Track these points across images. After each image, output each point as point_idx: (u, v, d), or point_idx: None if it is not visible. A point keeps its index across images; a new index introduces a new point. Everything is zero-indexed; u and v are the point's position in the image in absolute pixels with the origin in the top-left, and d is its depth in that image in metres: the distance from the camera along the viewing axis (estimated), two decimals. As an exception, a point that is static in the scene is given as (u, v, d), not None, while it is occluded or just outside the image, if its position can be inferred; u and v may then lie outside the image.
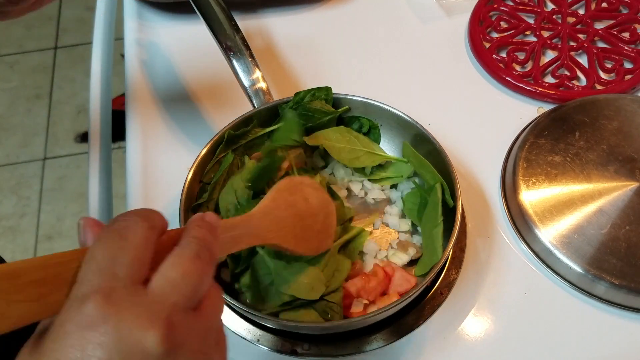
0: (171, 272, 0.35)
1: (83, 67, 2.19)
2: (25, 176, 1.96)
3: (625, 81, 0.81)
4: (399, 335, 0.62)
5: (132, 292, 0.33)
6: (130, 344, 0.32)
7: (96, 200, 0.77)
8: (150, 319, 0.33)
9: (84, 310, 0.32)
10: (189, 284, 0.35)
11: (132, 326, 0.32)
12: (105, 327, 0.32)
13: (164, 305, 0.34)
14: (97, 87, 0.88)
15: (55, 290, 0.33)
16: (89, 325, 0.32)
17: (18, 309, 0.31)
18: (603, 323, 0.64)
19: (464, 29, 0.89)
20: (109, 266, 0.34)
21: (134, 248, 0.35)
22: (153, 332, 0.32)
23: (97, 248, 0.34)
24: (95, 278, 0.33)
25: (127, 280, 0.34)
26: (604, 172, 0.70)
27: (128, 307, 0.33)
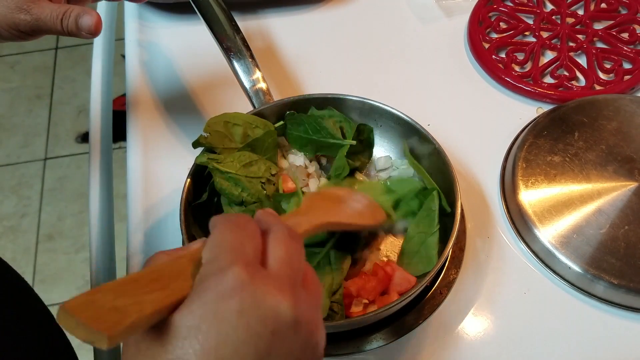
0: (278, 252, 0.39)
1: (84, 68, 2.19)
2: (26, 176, 1.96)
3: (624, 81, 0.81)
4: (399, 334, 0.62)
5: (260, 268, 0.37)
6: (266, 311, 0.35)
7: (97, 200, 0.78)
8: (281, 289, 0.36)
9: (224, 280, 0.35)
10: (294, 259, 0.39)
11: (267, 295, 0.35)
12: (244, 295, 0.35)
13: (286, 279, 0.38)
14: (98, 88, 0.88)
15: (176, 279, 0.36)
16: (229, 294, 0.35)
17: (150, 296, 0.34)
18: (602, 323, 0.64)
19: (464, 29, 0.89)
20: (240, 247, 0.37)
21: (255, 236, 0.39)
22: (285, 300, 0.36)
23: (226, 233, 0.38)
24: (230, 255, 0.36)
25: (256, 260, 0.38)
26: (603, 172, 0.70)
27: (261, 278, 0.36)
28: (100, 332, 0.31)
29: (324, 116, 0.69)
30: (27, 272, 1.77)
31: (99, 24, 0.60)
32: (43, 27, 0.59)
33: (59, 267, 1.78)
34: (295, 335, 0.36)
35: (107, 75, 0.91)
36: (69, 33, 0.60)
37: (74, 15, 0.59)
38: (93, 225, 0.76)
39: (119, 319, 0.32)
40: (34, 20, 0.58)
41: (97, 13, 0.60)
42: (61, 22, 0.59)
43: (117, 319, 0.32)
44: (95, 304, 0.32)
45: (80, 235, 1.83)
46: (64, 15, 0.59)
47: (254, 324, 0.34)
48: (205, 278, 0.36)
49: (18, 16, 0.58)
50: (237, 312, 0.34)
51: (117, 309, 0.32)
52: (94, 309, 0.32)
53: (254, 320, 0.34)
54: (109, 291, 0.33)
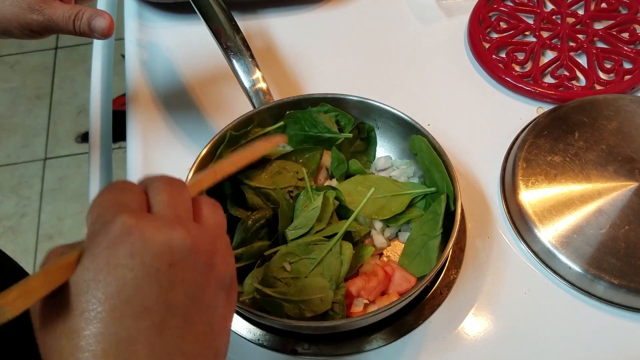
0: (160, 197, 0.39)
1: (83, 68, 2.19)
2: (25, 176, 1.96)
3: (624, 81, 0.81)
4: (399, 334, 0.62)
5: (146, 213, 0.38)
6: (158, 246, 0.36)
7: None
8: (170, 224, 0.37)
9: (110, 230, 0.35)
10: (178, 201, 0.40)
11: (155, 232, 0.36)
12: (132, 237, 0.35)
13: (173, 217, 0.38)
14: (98, 88, 0.88)
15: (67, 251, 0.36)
16: (118, 240, 0.35)
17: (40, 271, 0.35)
18: (602, 323, 0.64)
19: (464, 29, 0.89)
20: (122, 200, 0.38)
21: (135, 190, 0.40)
22: (175, 231, 0.36)
23: (106, 194, 0.39)
24: (113, 209, 0.37)
25: (138, 208, 0.38)
26: (603, 172, 0.70)
27: (148, 220, 0.37)
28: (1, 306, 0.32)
29: (319, 111, 0.69)
30: (27, 272, 1.77)
31: (111, 26, 0.61)
32: (55, 27, 0.60)
33: (59, 267, 1.78)
34: (193, 262, 0.37)
35: (107, 75, 0.91)
36: (81, 34, 0.60)
37: (86, 16, 0.60)
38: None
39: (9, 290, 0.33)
40: (46, 20, 0.59)
41: (110, 15, 0.61)
42: (73, 22, 0.60)
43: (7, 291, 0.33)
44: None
45: (80, 235, 1.79)
46: (76, 16, 0.60)
47: (149, 261, 0.35)
48: (94, 235, 0.36)
49: (30, 16, 0.59)
50: (130, 254, 0.35)
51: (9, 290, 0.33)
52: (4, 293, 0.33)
53: (148, 258, 0.35)
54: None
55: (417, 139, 0.67)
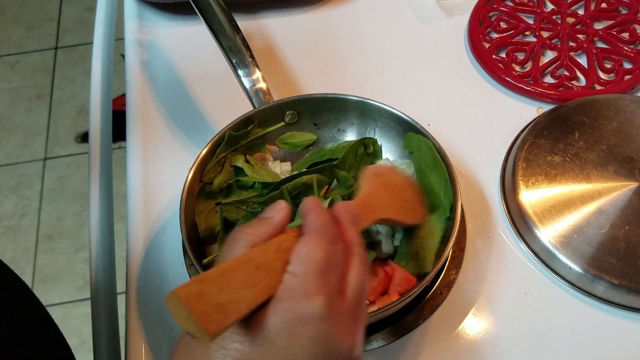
0: (356, 284, 0.41)
1: (83, 68, 2.19)
2: (25, 176, 1.96)
3: (624, 81, 0.81)
4: (399, 334, 0.62)
5: (339, 300, 0.40)
6: (334, 345, 0.38)
7: (96, 201, 0.78)
8: (349, 327, 0.39)
9: (308, 306, 0.38)
10: (365, 291, 0.43)
11: (339, 332, 0.38)
12: (322, 326, 0.38)
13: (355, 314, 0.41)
14: (98, 88, 0.88)
15: (266, 275, 0.38)
16: (309, 320, 0.37)
17: (246, 293, 0.36)
18: (602, 323, 0.64)
19: (464, 29, 0.89)
20: (327, 273, 0.40)
21: (340, 262, 0.41)
22: (350, 340, 0.39)
23: (318, 251, 0.40)
24: (318, 279, 0.39)
25: (336, 288, 0.40)
26: (604, 172, 0.70)
27: (338, 313, 0.39)
28: (206, 331, 0.33)
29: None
30: (27, 272, 1.77)
31: None
32: None
33: (59, 267, 1.78)
34: None
35: (107, 75, 0.91)
36: None
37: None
38: (93, 225, 0.76)
39: (222, 319, 0.34)
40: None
41: None
42: None
43: (221, 319, 0.34)
44: (204, 297, 0.34)
45: (80, 236, 1.83)
46: None
47: (321, 354, 0.38)
48: (290, 295, 0.38)
49: None
50: (311, 340, 0.37)
51: (220, 307, 0.34)
52: (204, 304, 0.34)
53: (321, 351, 0.38)
54: (214, 283, 0.35)
55: (414, 137, 0.67)
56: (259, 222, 0.43)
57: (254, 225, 0.42)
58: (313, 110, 0.72)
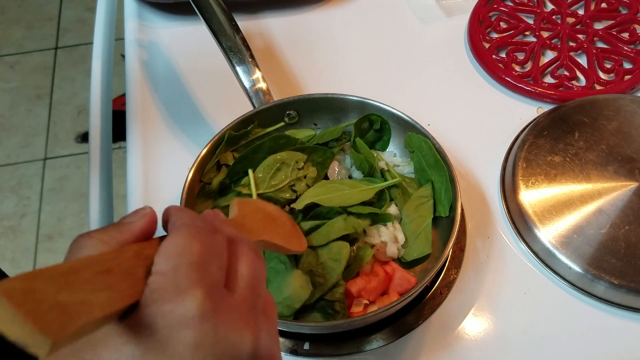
0: (246, 272, 0.35)
1: (83, 68, 2.19)
2: (25, 176, 1.96)
3: (624, 81, 0.81)
4: (399, 334, 0.62)
5: (226, 294, 0.33)
6: (226, 347, 0.31)
7: (97, 201, 0.78)
8: (244, 320, 0.33)
9: (182, 305, 0.31)
10: (260, 281, 0.36)
11: (229, 329, 0.32)
12: (205, 327, 0.31)
13: (249, 307, 0.34)
14: (98, 88, 0.88)
15: (124, 278, 0.31)
16: (186, 323, 0.30)
17: (97, 296, 0.29)
18: (602, 323, 0.64)
19: (464, 29, 0.89)
20: (204, 264, 0.33)
21: (222, 251, 0.35)
22: (247, 334, 0.32)
23: (192, 242, 0.33)
24: (192, 272, 0.32)
25: (220, 281, 0.33)
26: (604, 172, 0.70)
27: (225, 307, 0.32)
28: (42, 334, 0.25)
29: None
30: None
31: None
32: None
33: (59, 267, 1.78)
34: None
35: (107, 75, 0.91)
36: None
37: None
38: (93, 225, 0.76)
39: (65, 320, 0.26)
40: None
41: None
42: None
43: (63, 320, 0.26)
44: (35, 295, 0.26)
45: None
46: None
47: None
48: (159, 297, 0.31)
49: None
50: (194, 346, 0.30)
51: (62, 308, 0.27)
52: (35, 302, 0.26)
53: (210, 358, 0.31)
54: (50, 280, 0.27)
55: (414, 137, 0.67)
56: (114, 226, 0.35)
57: (105, 230, 0.34)
58: (313, 110, 0.72)
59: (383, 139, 0.71)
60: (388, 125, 0.70)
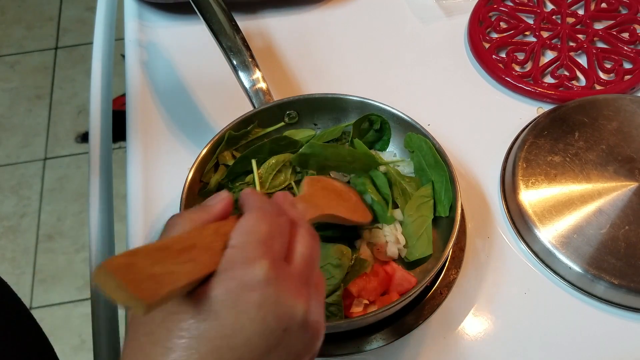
0: (303, 250, 0.40)
1: (83, 68, 2.19)
2: (25, 176, 1.96)
3: (624, 81, 0.81)
4: (399, 334, 0.62)
5: (285, 266, 0.39)
6: (284, 308, 0.37)
7: (97, 201, 0.78)
8: (299, 290, 0.38)
9: (250, 272, 0.36)
10: (314, 258, 0.41)
11: (287, 294, 0.37)
12: (268, 290, 0.36)
13: (304, 279, 0.39)
14: (98, 88, 0.88)
15: (205, 252, 0.37)
16: (253, 286, 0.36)
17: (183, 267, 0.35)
18: (602, 323, 0.64)
19: (464, 29, 0.89)
20: (270, 240, 0.38)
21: (285, 232, 0.40)
22: (301, 301, 0.37)
23: (261, 222, 0.39)
24: (260, 247, 0.37)
25: (281, 255, 0.39)
26: (604, 172, 0.70)
27: (285, 277, 0.38)
28: (139, 298, 0.32)
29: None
30: (27, 272, 1.77)
31: None
32: None
33: (59, 267, 1.78)
34: (302, 334, 0.38)
35: (107, 75, 0.91)
36: None
37: None
38: (93, 225, 0.76)
39: (157, 287, 0.33)
40: None
41: None
42: None
43: (155, 288, 0.33)
44: (134, 267, 0.33)
45: (80, 236, 1.83)
46: None
47: (270, 320, 0.36)
48: (232, 265, 0.37)
49: None
50: (257, 305, 0.35)
51: (154, 277, 0.33)
52: (134, 273, 0.33)
53: (270, 316, 0.36)
54: (146, 256, 0.34)
55: (414, 137, 0.67)
56: (200, 208, 0.42)
57: (193, 211, 0.41)
58: (313, 110, 0.72)
59: (383, 139, 0.71)
60: (388, 125, 0.70)
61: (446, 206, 0.63)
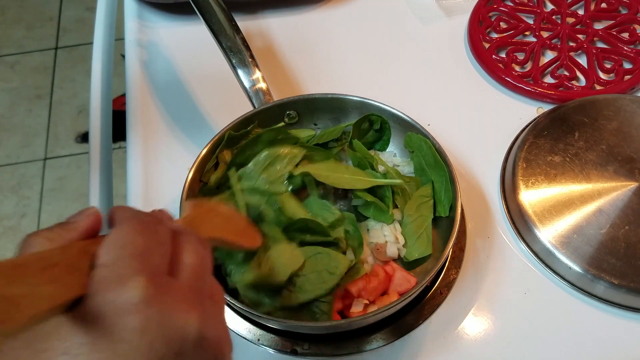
0: (190, 260, 0.36)
1: (84, 68, 2.19)
2: (25, 176, 1.96)
3: (624, 81, 0.81)
4: (399, 334, 0.62)
5: (168, 280, 0.34)
6: (172, 330, 0.32)
7: (97, 201, 0.78)
8: (189, 304, 0.33)
9: (124, 292, 0.31)
10: (205, 269, 0.37)
11: (173, 312, 0.32)
12: (149, 312, 0.31)
13: (195, 292, 0.34)
14: (98, 88, 0.88)
15: (69, 272, 0.32)
16: (130, 309, 0.31)
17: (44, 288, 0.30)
18: (602, 323, 0.64)
19: (464, 29, 0.89)
20: (147, 253, 0.33)
21: (165, 242, 0.35)
22: (193, 317, 0.33)
23: (134, 234, 0.34)
24: (134, 262, 0.32)
25: (163, 269, 0.34)
26: (603, 172, 0.70)
27: (168, 292, 0.33)
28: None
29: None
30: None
31: None
32: None
33: (59, 267, 1.78)
34: (201, 354, 0.34)
35: (107, 75, 0.91)
36: None
37: None
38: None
39: (13, 312, 0.28)
40: None
41: None
42: None
43: (10, 313, 0.28)
44: None
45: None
46: None
47: (158, 346, 0.31)
48: (103, 286, 0.31)
49: None
50: (139, 332, 0.31)
51: (8, 300, 0.28)
52: None
53: (157, 342, 0.31)
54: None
55: (414, 137, 0.67)
56: (60, 225, 0.36)
57: (52, 229, 0.35)
58: (313, 110, 0.72)
59: (383, 139, 0.71)
60: (388, 125, 0.70)
61: (446, 206, 0.64)
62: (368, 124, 0.70)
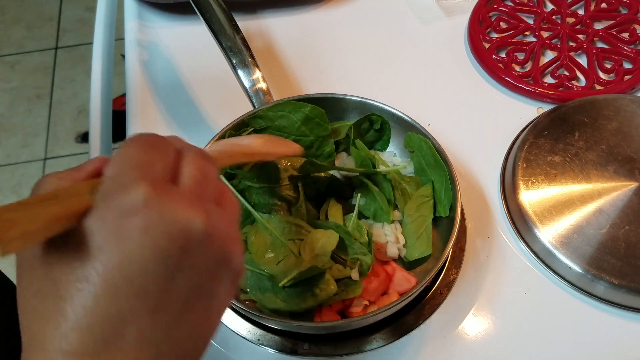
0: (190, 170, 0.37)
1: (84, 68, 2.19)
2: (26, 176, 1.96)
3: (624, 81, 0.81)
4: (399, 334, 0.62)
5: (169, 186, 0.35)
6: (174, 226, 0.33)
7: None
8: (191, 205, 0.34)
9: (127, 196, 0.33)
10: (208, 178, 0.37)
11: (175, 210, 0.33)
12: (149, 211, 0.32)
13: (197, 196, 0.36)
14: (98, 88, 0.88)
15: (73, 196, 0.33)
16: (133, 210, 0.32)
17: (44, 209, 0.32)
18: (602, 323, 0.64)
19: (464, 29, 0.89)
20: (149, 164, 0.35)
21: (167, 154, 0.37)
22: (195, 214, 0.34)
23: (135, 150, 0.35)
24: (136, 172, 0.34)
25: (164, 177, 0.35)
26: (604, 172, 0.70)
27: (169, 194, 0.34)
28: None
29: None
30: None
31: None
32: None
33: (59, 267, 1.78)
34: (207, 249, 0.35)
35: (107, 75, 0.91)
36: None
37: None
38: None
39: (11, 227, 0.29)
40: None
41: None
42: None
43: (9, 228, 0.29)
44: None
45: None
46: None
47: (162, 241, 0.32)
48: (107, 195, 0.33)
49: None
50: (142, 229, 0.32)
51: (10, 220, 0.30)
52: None
53: (161, 237, 0.32)
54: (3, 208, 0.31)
55: (414, 137, 0.67)
56: (71, 169, 0.37)
57: (64, 170, 0.37)
58: (313, 110, 0.72)
59: (383, 139, 0.71)
60: (388, 125, 0.70)
61: (446, 206, 0.64)
62: (368, 124, 0.71)
